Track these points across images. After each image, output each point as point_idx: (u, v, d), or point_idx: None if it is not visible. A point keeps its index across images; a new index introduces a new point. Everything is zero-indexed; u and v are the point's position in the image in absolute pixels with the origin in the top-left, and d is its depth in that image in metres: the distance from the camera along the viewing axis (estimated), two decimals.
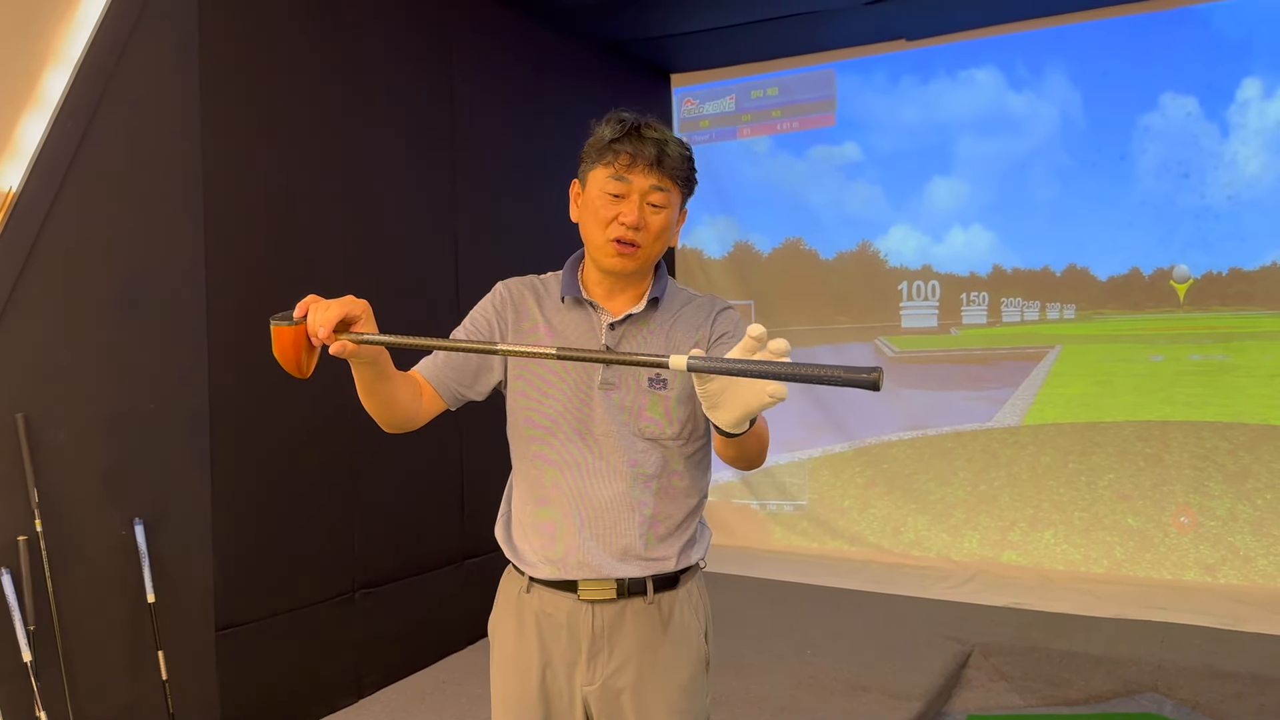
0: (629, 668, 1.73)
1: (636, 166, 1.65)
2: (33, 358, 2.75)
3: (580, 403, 1.71)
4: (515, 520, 1.81)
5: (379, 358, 1.57)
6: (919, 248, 5.63)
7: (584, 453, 1.72)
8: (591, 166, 1.71)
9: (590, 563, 1.71)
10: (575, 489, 1.72)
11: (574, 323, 1.76)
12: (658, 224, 1.69)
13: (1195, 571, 4.89)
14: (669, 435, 1.72)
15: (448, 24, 4.25)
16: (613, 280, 1.75)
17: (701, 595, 1.86)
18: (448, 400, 1.76)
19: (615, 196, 1.67)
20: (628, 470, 1.71)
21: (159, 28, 3.05)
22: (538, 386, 1.74)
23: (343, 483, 3.68)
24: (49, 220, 2.77)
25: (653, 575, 1.74)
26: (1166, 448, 5.01)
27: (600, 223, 1.68)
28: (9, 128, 2.72)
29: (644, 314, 1.75)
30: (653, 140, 1.66)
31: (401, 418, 1.70)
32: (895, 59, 5.61)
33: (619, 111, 1.71)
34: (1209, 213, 4.91)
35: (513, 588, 1.82)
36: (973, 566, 5.32)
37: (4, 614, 2.62)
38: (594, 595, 1.72)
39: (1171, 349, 5.04)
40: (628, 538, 1.72)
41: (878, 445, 5.77)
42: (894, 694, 3.58)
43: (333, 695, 3.62)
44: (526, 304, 1.78)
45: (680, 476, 1.77)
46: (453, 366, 1.75)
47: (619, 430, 1.71)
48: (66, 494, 2.81)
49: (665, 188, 1.68)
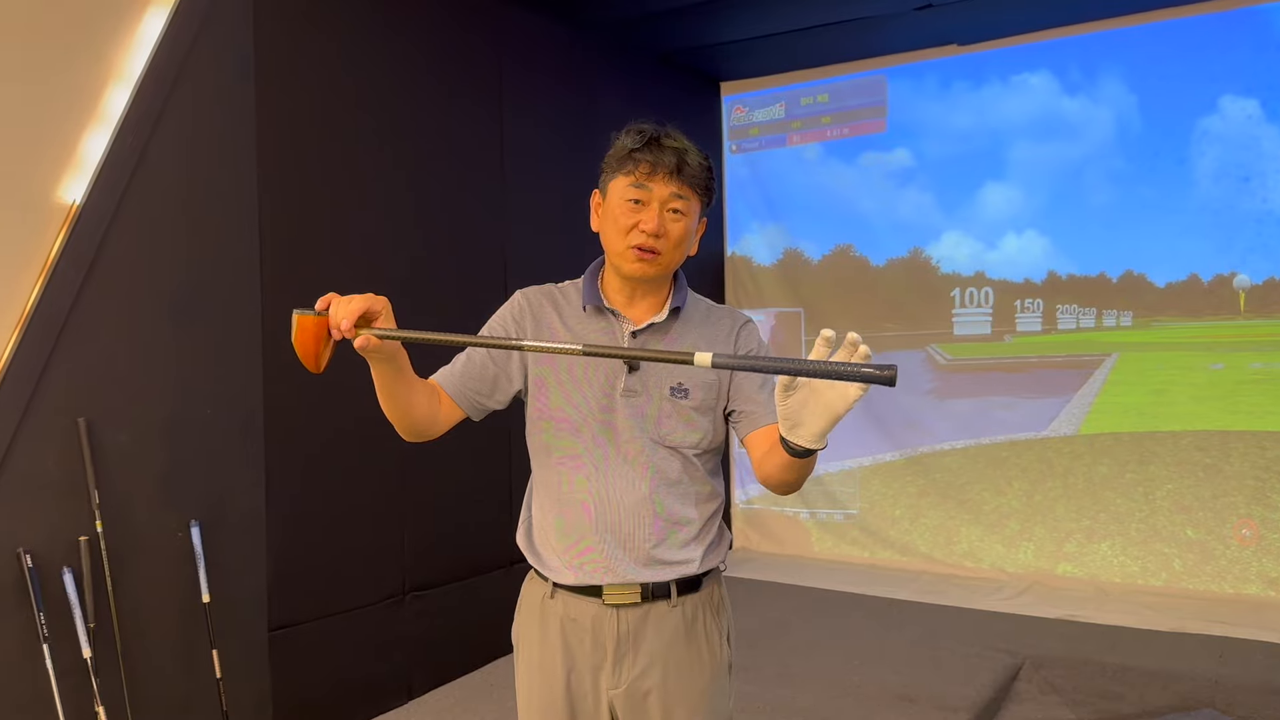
0: (654, 670, 1.74)
1: (657, 175, 1.68)
2: (94, 364, 2.84)
3: (603, 409, 1.73)
4: (537, 526, 1.83)
5: (398, 356, 1.60)
6: (972, 254, 5.57)
7: (606, 459, 1.73)
8: (612, 176, 1.74)
9: (615, 568, 1.73)
10: (598, 495, 1.73)
11: (595, 331, 1.77)
12: (677, 231, 1.71)
13: (1257, 585, 4.76)
14: (690, 443, 1.74)
15: (499, 37, 4.32)
16: (633, 287, 1.76)
17: (723, 598, 1.87)
18: (467, 409, 1.78)
19: (636, 204, 1.69)
20: (650, 476, 1.73)
21: (216, 46, 3.14)
22: (561, 394, 1.75)
23: (394, 486, 3.75)
24: (110, 232, 2.87)
25: (676, 579, 1.75)
26: (1227, 458, 4.89)
27: (621, 230, 1.70)
28: (73, 143, 2.82)
29: (665, 323, 1.77)
30: (673, 149, 1.69)
31: (420, 424, 1.72)
32: (947, 64, 5.56)
33: (639, 122, 1.74)
34: (1271, 217, 4.79)
35: (536, 594, 1.83)
36: (1027, 578, 5.23)
37: (65, 612, 2.72)
38: (618, 599, 1.73)
39: (1232, 357, 4.92)
40: (651, 543, 1.73)
41: (930, 454, 5.70)
42: (941, 706, 3.54)
43: (383, 696, 3.68)
44: (545, 312, 1.80)
45: (701, 482, 1.78)
46: (470, 375, 1.78)
47: (641, 437, 1.73)
48: (126, 496, 2.90)
49: (685, 196, 1.70)
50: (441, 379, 1.78)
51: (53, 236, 2.76)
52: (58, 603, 2.71)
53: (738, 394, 1.77)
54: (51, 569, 2.72)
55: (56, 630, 2.69)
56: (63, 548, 2.75)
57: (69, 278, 2.78)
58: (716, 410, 1.78)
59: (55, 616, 2.69)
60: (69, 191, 2.81)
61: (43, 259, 2.74)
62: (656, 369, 1.73)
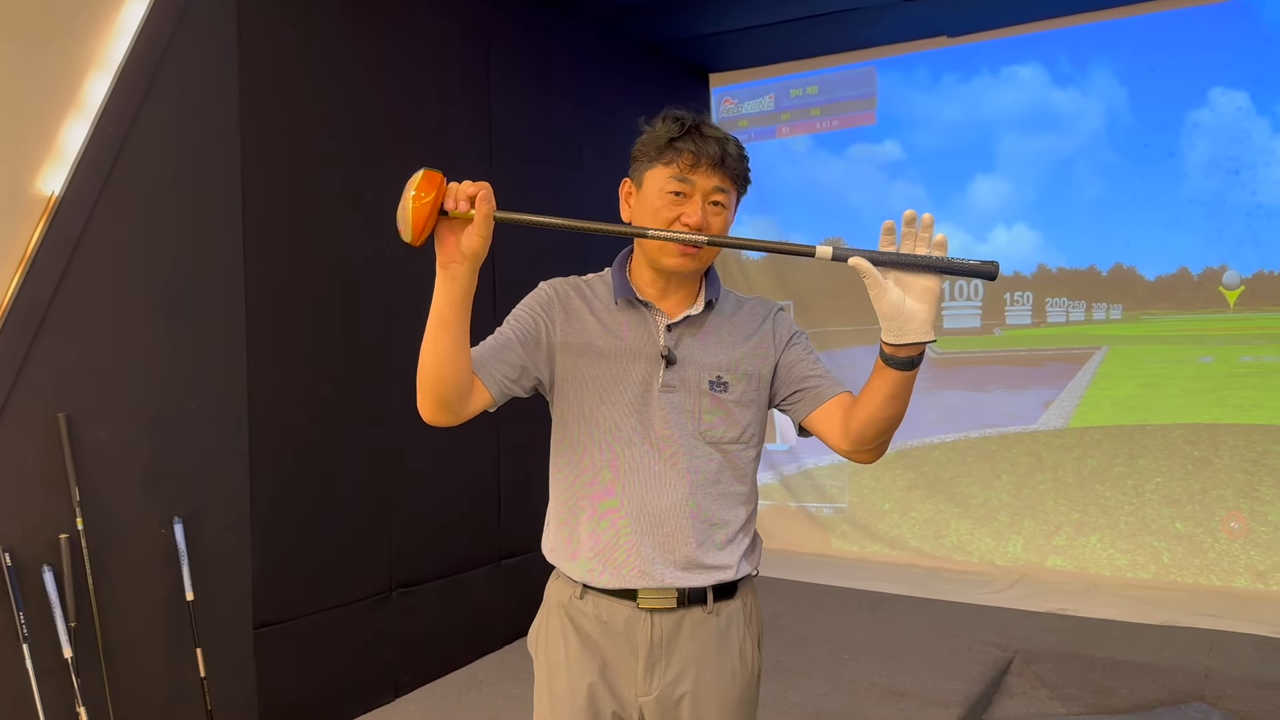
0: (687, 677, 1.70)
1: (700, 166, 1.62)
2: (75, 358, 2.79)
3: (640, 405, 1.68)
4: (565, 526, 1.75)
5: (474, 277, 1.50)
6: (962, 247, 5.55)
7: (644, 457, 1.68)
8: (650, 165, 1.67)
9: (651, 571, 1.67)
10: (635, 495, 1.68)
11: (629, 324, 1.72)
12: (719, 224, 1.66)
13: (1246, 578, 4.77)
14: (730, 438, 1.70)
15: (486, 24, 4.27)
16: (666, 280, 1.71)
17: (755, 605, 1.82)
18: (494, 391, 1.63)
19: (677, 196, 1.63)
20: (689, 476, 1.68)
21: (199, 32, 3.09)
22: (595, 389, 1.69)
23: (380, 483, 3.71)
24: (91, 223, 2.82)
25: (713, 585, 1.70)
26: (1216, 451, 4.89)
27: (662, 223, 1.63)
28: (52, 132, 2.76)
29: (701, 315, 1.72)
30: (715, 139, 1.63)
31: (459, 387, 1.54)
32: (937, 56, 5.54)
33: (673, 109, 1.67)
34: (1260, 210, 4.79)
35: (562, 594, 1.76)
36: (1016, 572, 5.23)
37: (46, 611, 2.66)
38: (654, 604, 1.68)
39: (1221, 350, 4.92)
40: (689, 545, 1.67)
41: (919, 447, 5.69)
42: (932, 700, 3.52)
43: (370, 693, 3.64)
44: (574, 304, 1.74)
45: (739, 482, 1.73)
46: (498, 359, 1.65)
47: (679, 434, 1.67)
48: (107, 492, 2.85)
49: (727, 188, 1.65)
50: (475, 359, 1.62)
51: (32, 227, 2.71)
52: (38, 601, 2.65)
53: (788, 376, 1.73)
54: (31, 567, 2.66)
55: (36, 629, 2.64)
56: (43, 545, 2.70)
57: (48, 270, 2.72)
58: (760, 403, 1.74)
59: (35, 615, 2.64)
60: (48, 181, 2.75)
61: (21, 250, 2.69)
62: (693, 363, 1.68)
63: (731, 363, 1.71)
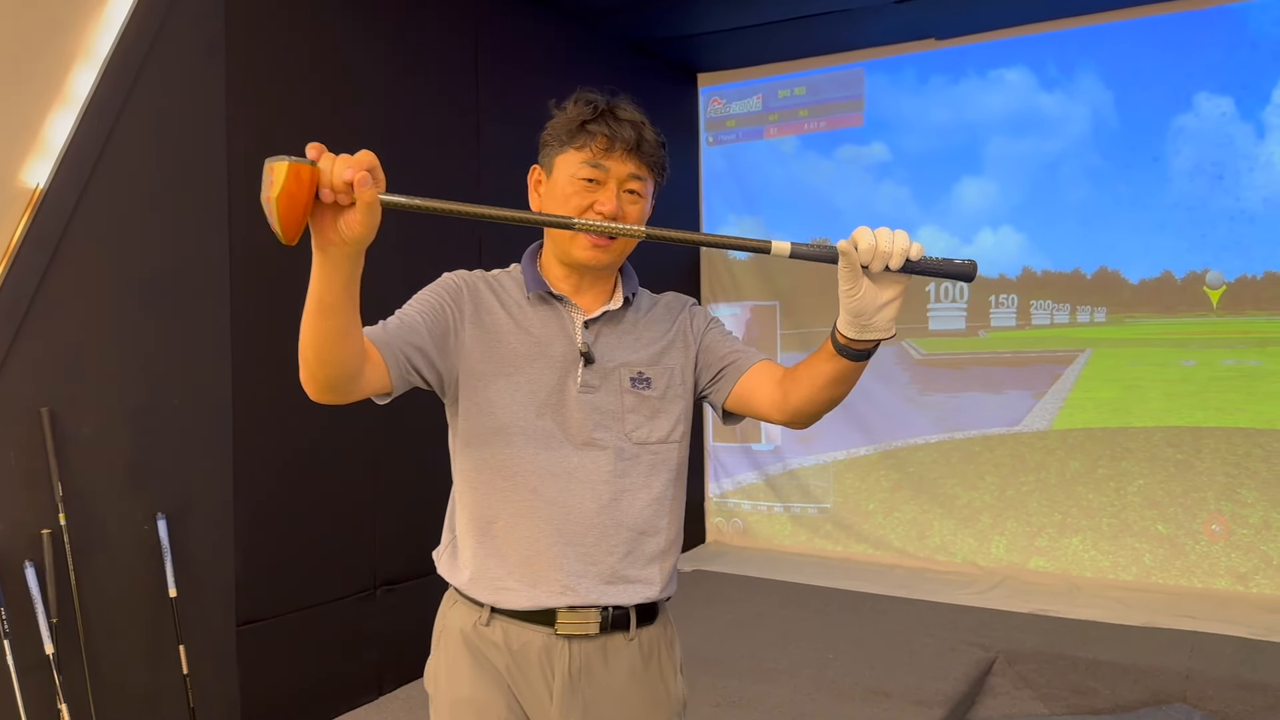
0: (608, 710, 1.58)
1: (614, 151, 1.51)
2: (58, 352, 2.77)
3: (556, 406, 1.56)
4: (472, 544, 1.62)
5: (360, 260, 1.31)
6: (947, 249, 5.57)
7: (564, 461, 1.55)
8: (560, 150, 1.56)
9: (574, 585, 1.54)
10: (556, 502, 1.55)
11: (542, 320, 1.60)
12: (634, 215, 1.55)
13: (1227, 580, 4.81)
14: (657, 438, 1.60)
15: (474, 21, 4.26)
16: (580, 275, 1.60)
17: (675, 631, 1.72)
18: (394, 375, 1.46)
19: (590, 183, 1.53)
20: (613, 480, 1.56)
21: (186, 26, 3.07)
22: (507, 392, 1.56)
23: (365, 479, 3.69)
24: (75, 217, 2.80)
25: (637, 604, 1.59)
26: (1198, 454, 4.93)
27: (573, 212, 1.52)
28: (37, 125, 2.74)
29: (619, 311, 1.62)
30: (630, 123, 1.53)
31: (346, 368, 1.35)
32: (924, 58, 5.56)
33: (587, 91, 1.57)
34: (1244, 215, 4.82)
35: (464, 621, 1.63)
36: (999, 572, 5.26)
37: (27, 607, 2.65)
38: (573, 629, 1.55)
39: (1204, 354, 4.95)
40: (614, 556, 1.56)
41: (904, 448, 5.71)
42: (916, 700, 3.53)
43: (353, 691, 3.63)
44: (484, 297, 1.61)
45: (667, 485, 1.62)
46: (403, 339, 1.49)
47: (602, 435, 1.56)
48: (90, 488, 2.83)
49: (643, 176, 1.55)
50: (372, 334, 1.46)
51: (15, 221, 2.68)
52: (19, 597, 2.64)
53: (708, 359, 1.65)
54: (13, 563, 2.65)
55: (18, 626, 2.62)
56: (24, 541, 2.68)
57: (32, 263, 2.70)
58: (685, 399, 1.64)
59: (16, 612, 2.63)
60: (32, 174, 2.73)
61: (5, 244, 2.67)
62: (613, 361, 1.58)
63: (652, 358, 1.61)
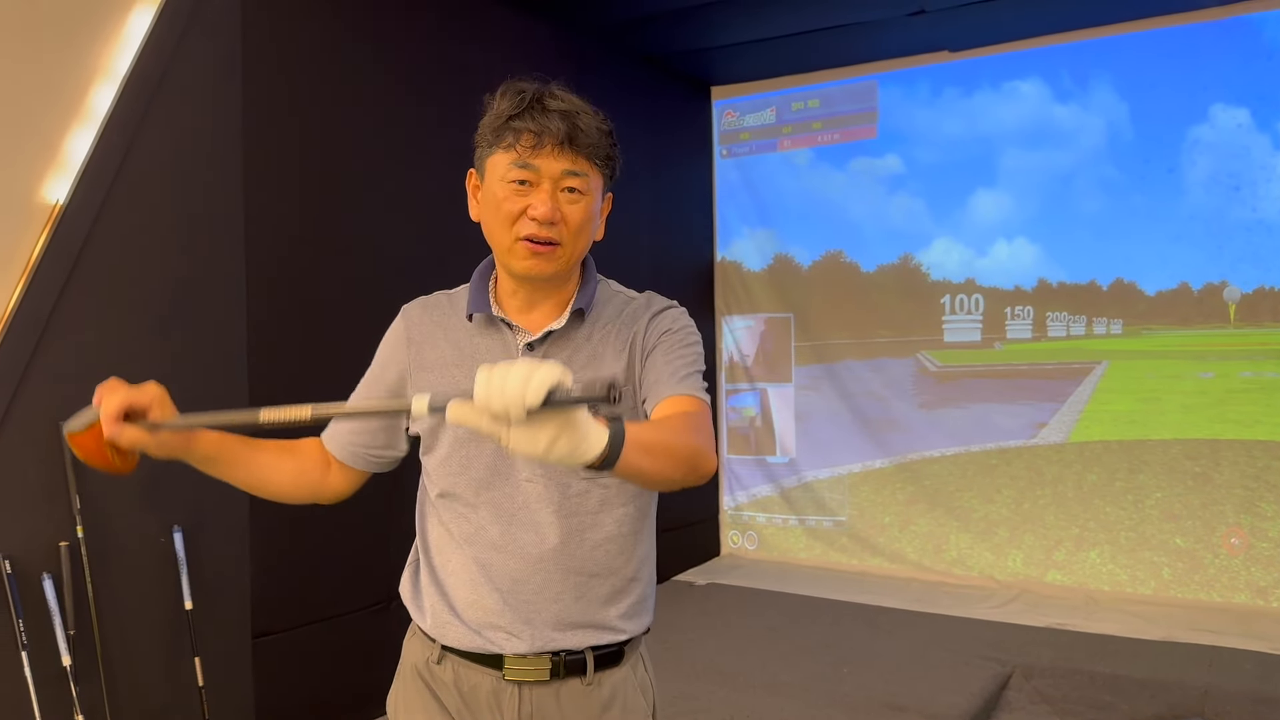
0: None
1: (543, 148, 1.36)
2: (76, 366, 2.80)
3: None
4: (426, 574, 1.52)
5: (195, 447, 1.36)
6: (962, 261, 5.56)
7: (506, 501, 1.43)
8: (489, 151, 1.42)
9: (519, 633, 1.42)
10: (497, 548, 1.43)
11: (487, 346, 1.46)
12: (577, 215, 1.39)
13: (1246, 594, 4.76)
14: None
15: (489, 38, 4.28)
16: (530, 289, 1.45)
17: (648, 667, 1.56)
18: (363, 467, 1.50)
19: (521, 185, 1.38)
20: (558, 521, 1.42)
21: (203, 43, 3.10)
22: (446, 427, 1.46)
23: (380, 492, 3.69)
24: (94, 232, 2.83)
25: (592, 647, 1.44)
26: (1216, 467, 4.89)
27: (505, 219, 1.39)
28: (57, 141, 2.78)
29: (566, 328, 1.45)
30: (559, 113, 1.38)
31: (294, 494, 1.42)
32: (938, 70, 5.56)
33: (516, 80, 1.42)
34: (1261, 226, 4.80)
35: (419, 655, 1.53)
36: (1016, 586, 5.22)
37: (45, 619, 2.67)
38: (521, 676, 1.42)
39: (1222, 365, 4.92)
40: (563, 601, 1.42)
41: (919, 461, 5.69)
42: (931, 714, 3.51)
43: (368, 704, 3.62)
44: (425, 330, 1.51)
45: (621, 522, 1.46)
46: (356, 429, 1.50)
47: (547, 470, 1.41)
48: (107, 501, 2.85)
49: (581, 171, 1.39)
50: (326, 438, 1.46)
51: (35, 236, 2.71)
52: (37, 609, 2.66)
53: (646, 376, 1.44)
54: (31, 575, 2.67)
55: (36, 637, 2.64)
56: (42, 553, 2.70)
57: (51, 278, 2.73)
58: (636, 415, 1.44)
59: (34, 623, 2.64)
60: (52, 191, 2.76)
61: (25, 259, 2.69)
62: None
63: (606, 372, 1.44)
